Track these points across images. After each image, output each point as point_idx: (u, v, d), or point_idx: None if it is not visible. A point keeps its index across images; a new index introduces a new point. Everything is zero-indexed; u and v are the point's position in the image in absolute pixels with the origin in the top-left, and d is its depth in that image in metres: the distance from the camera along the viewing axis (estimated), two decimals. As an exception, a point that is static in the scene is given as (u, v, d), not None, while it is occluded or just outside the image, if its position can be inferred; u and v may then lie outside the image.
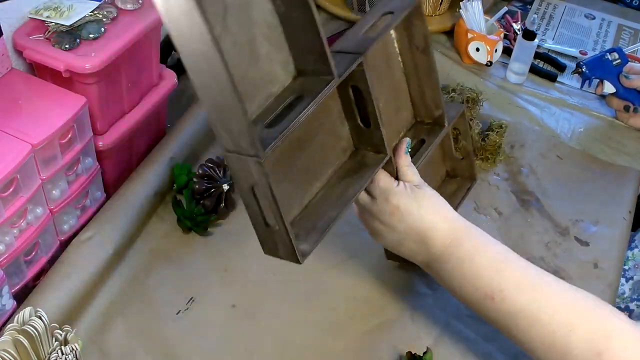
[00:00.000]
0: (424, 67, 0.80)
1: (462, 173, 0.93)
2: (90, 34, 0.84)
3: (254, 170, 0.61)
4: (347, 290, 0.86)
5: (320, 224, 0.70)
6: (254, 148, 0.59)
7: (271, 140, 0.60)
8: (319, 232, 0.69)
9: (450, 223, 0.74)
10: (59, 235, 0.88)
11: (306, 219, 0.71)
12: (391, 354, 0.80)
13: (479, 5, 1.24)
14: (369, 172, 0.74)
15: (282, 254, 0.67)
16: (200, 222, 0.91)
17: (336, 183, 0.74)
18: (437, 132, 0.83)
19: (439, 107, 0.82)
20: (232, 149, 0.61)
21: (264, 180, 0.61)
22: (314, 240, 0.68)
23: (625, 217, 1.00)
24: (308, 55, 0.66)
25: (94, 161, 0.89)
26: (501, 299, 0.69)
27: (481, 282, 0.71)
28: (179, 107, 1.12)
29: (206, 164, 0.93)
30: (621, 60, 1.14)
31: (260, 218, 0.65)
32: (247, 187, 0.64)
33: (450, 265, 0.73)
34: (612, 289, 0.90)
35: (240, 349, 0.80)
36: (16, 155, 0.74)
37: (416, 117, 0.85)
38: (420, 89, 0.81)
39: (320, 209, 0.72)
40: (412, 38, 0.78)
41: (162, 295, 0.85)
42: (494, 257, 0.72)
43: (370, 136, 0.74)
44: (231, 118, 0.59)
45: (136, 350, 0.79)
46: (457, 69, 1.25)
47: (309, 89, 0.66)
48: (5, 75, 0.83)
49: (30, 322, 0.66)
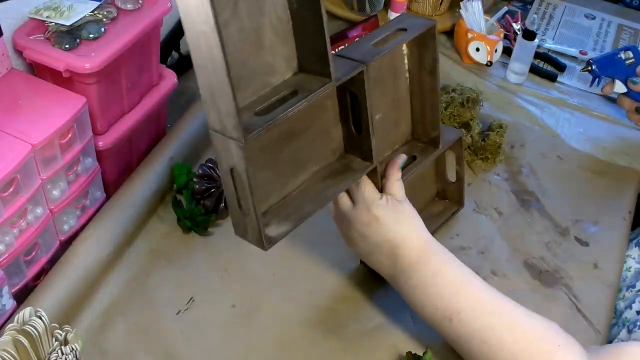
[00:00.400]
0: (428, 87, 0.82)
1: (451, 196, 0.97)
2: (90, 34, 0.84)
3: (235, 153, 0.63)
4: (347, 290, 0.87)
5: (293, 217, 0.72)
6: (236, 131, 0.61)
7: (255, 127, 0.63)
8: (291, 224, 0.71)
9: (421, 242, 0.76)
10: (59, 235, 0.88)
11: (282, 209, 0.73)
12: (391, 354, 0.80)
13: (479, 5, 1.24)
14: (353, 176, 0.76)
15: (250, 238, 0.69)
16: (200, 222, 0.91)
17: (319, 181, 0.76)
18: (431, 151, 0.85)
19: (436, 128, 0.84)
20: (217, 129, 0.64)
21: (242, 164, 0.63)
22: (284, 231, 0.70)
23: (625, 217, 1.00)
24: (311, 54, 0.68)
25: (94, 161, 0.89)
26: (458, 320, 0.72)
27: (441, 302, 0.73)
28: (179, 107, 1.12)
29: (206, 164, 0.94)
30: (635, 60, 1.07)
31: (235, 200, 0.67)
32: (227, 168, 0.66)
33: (414, 282, 0.75)
34: (612, 289, 0.90)
35: (240, 349, 0.80)
36: (16, 155, 0.74)
37: (413, 134, 0.87)
38: (422, 108, 0.84)
39: (297, 202, 0.73)
40: (422, 58, 0.80)
41: (162, 295, 0.85)
42: (456, 279, 0.74)
43: (360, 143, 0.76)
44: (221, 99, 0.61)
45: (136, 350, 0.79)
46: (457, 69, 1.25)
47: (304, 86, 0.67)
48: (5, 75, 0.83)
49: (30, 322, 0.66)
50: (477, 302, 0.72)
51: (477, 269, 0.90)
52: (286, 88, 0.68)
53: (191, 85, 1.19)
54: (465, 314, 0.71)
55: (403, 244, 0.75)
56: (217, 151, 0.66)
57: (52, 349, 0.66)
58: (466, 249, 0.93)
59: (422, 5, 1.34)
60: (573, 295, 0.89)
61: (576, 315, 0.86)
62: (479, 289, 0.73)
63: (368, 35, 0.77)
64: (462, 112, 1.06)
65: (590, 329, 0.85)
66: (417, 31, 0.76)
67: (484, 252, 0.93)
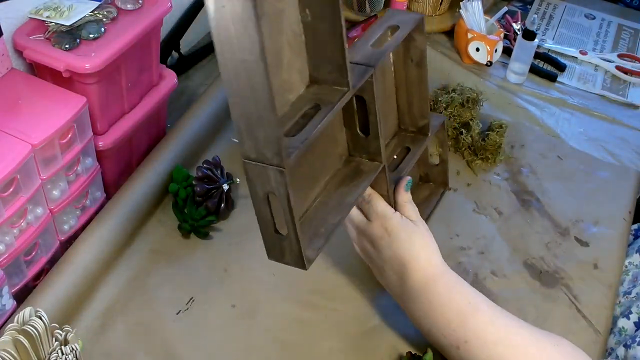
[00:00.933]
0: (415, 79, 0.81)
1: (435, 179, 0.97)
2: (90, 34, 0.84)
3: (274, 179, 0.62)
4: (347, 290, 0.87)
5: (322, 230, 0.71)
6: (277, 157, 0.60)
7: (294, 149, 0.61)
8: (323, 239, 0.70)
9: (431, 267, 0.75)
10: (59, 235, 0.88)
11: (307, 225, 0.72)
12: (391, 354, 0.80)
13: (479, 5, 1.24)
14: (367, 178, 0.75)
15: (288, 259, 0.68)
16: (200, 227, 0.90)
17: (332, 190, 0.75)
18: (422, 140, 0.85)
19: (425, 117, 0.84)
20: (253, 157, 0.62)
21: (283, 189, 0.62)
22: (318, 247, 0.69)
23: (625, 218, 1.00)
24: (326, 64, 0.67)
25: (94, 161, 0.89)
26: (465, 350, 0.71)
27: (447, 330, 0.72)
28: (179, 107, 1.12)
29: (203, 166, 0.93)
30: None
31: (271, 225, 0.66)
32: (262, 195, 0.64)
33: (420, 306, 0.75)
34: (612, 289, 0.90)
35: (240, 349, 0.80)
36: (16, 155, 0.74)
37: (400, 125, 0.87)
38: (409, 99, 0.83)
39: (320, 215, 0.73)
40: (408, 51, 0.80)
41: (162, 295, 0.85)
42: (462, 308, 0.73)
43: (367, 144, 0.75)
44: (261, 128, 0.59)
45: (136, 350, 0.79)
46: (457, 69, 1.25)
47: (324, 99, 0.66)
48: (5, 75, 0.83)
49: (30, 322, 0.66)
50: (484, 332, 0.71)
51: (477, 269, 0.90)
52: (305, 103, 0.67)
53: (191, 85, 1.19)
54: (472, 343, 0.71)
55: (411, 264, 0.75)
56: (251, 178, 0.64)
57: (52, 349, 0.66)
58: (466, 249, 0.93)
59: (422, 5, 1.34)
60: (573, 296, 0.89)
61: (576, 316, 0.86)
62: (485, 319, 0.72)
63: (363, 36, 0.76)
64: (462, 112, 1.06)
65: (590, 329, 0.85)
66: (409, 27, 0.75)
67: (484, 252, 0.93)
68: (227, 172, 0.96)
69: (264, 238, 0.68)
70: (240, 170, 0.99)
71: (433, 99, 1.09)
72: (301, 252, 0.66)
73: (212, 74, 1.20)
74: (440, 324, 0.73)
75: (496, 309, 0.73)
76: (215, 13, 0.56)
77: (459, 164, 1.06)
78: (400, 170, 0.82)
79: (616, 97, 1.24)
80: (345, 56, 0.65)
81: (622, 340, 0.85)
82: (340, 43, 0.65)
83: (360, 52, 0.73)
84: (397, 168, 0.82)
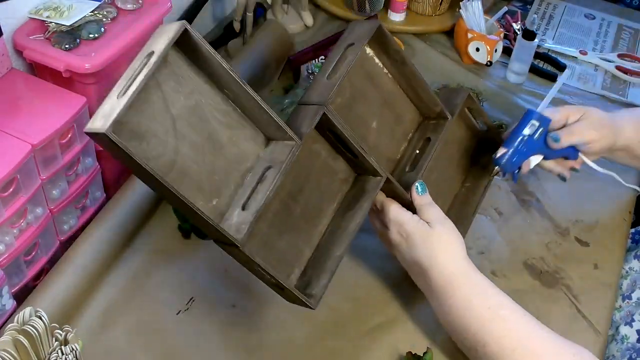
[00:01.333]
0: (409, 74, 0.82)
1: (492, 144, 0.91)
2: (90, 34, 0.84)
3: (242, 256, 0.67)
4: (347, 290, 0.86)
5: (327, 265, 0.74)
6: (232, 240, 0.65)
7: (246, 225, 0.66)
8: (328, 274, 0.73)
9: (449, 271, 0.75)
10: (59, 235, 0.88)
11: (317, 260, 0.75)
12: (391, 354, 0.80)
13: (479, 5, 1.24)
14: (368, 198, 0.76)
15: (299, 303, 0.72)
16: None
17: (340, 216, 0.77)
18: (442, 125, 0.84)
19: (437, 103, 0.83)
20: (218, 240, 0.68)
21: (252, 261, 0.67)
22: (324, 285, 0.73)
23: (625, 218, 1.00)
24: (270, 126, 0.69)
25: (94, 161, 0.89)
26: (484, 353, 0.72)
27: (468, 333, 0.73)
28: (179, 107, 1.12)
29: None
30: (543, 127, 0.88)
31: (273, 282, 0.70)
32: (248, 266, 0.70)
33: (443, 309, 0.75)
34: (612, 289, 0.90)
35: (240, 349, 0.80)
36: (16, 155, 0.74)
37: (423, 115, 0.86)
38: (415, 92, 0.83)
39: (327, 247, 0.76)
40: (388, 54, 0.79)
41: (162, 295, 0.85)
42: (482, 313, 0.73)
43: (363, 164, 0.76)
44: (206, 227, 0.65)
45: (136, 350, 0.79)
46: (457, 69, 1.25)
47: (277, 158, 0.69)
48: (5, 75, 0.83)
49: (30, 322, 0.66)
50: (503, 337, 0.71)
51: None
52: (262, 166, 0.69)
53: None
54: (490, 348, 0.71)
55: (431, 269, 0.75)
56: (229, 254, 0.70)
57: (52, 349, 0.66)
58: (466, 249, 0.93)
59: (422, 5, 1.34)
60: (573, 296, 0.89)
61: (576, 316, 0.86)
62: (505, 325, 0.72)
63: (323, 65, 0.76)
64: (462, 112, 1.06)
65: (590, 329, 0.85)
66: (364, 41, 0.75)
67: (484, 252, 0.93)
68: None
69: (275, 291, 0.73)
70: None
71: (433, 99, 1.09)
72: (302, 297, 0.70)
73: (212, 74, 1.20)
74: (461, 327, 0.74)
75: (517, 313, 0.73)
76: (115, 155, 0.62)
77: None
78: (420, 168, 0.81)
79: (616, 97, 1.24)
80: (275, 119, 0.67)
81: (625, 349, 0.85)
82: (265, 113, 0.66)
83: (317, 88, 0.74)
84: (416, 167, 0.82)
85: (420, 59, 1.26)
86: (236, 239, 0.65)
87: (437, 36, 1.33)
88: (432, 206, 0.78)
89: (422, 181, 0.80)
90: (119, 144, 0.56)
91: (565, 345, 0.71)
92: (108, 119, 0.56)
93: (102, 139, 0.57)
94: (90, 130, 0.58)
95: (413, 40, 1.31)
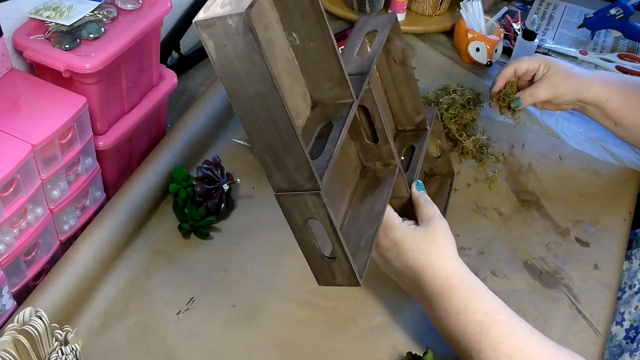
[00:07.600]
0: (402, 77, 0.81)
1: (440, 170, 0.97)
2: (90, 34, 0.84)
3: (312, 203, 0.62)
4: (347, 290, 0.86)
5: (363, 244, 0.71)
6: (310, 182, 0.60)
7: (323, 170, 0.62)
8: (366, 251, 0.70)
9: (444, 274, 0.74)
10: (59, 235, 0.88)
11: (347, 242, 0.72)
12: (391, 354, 0.80)
13: (479, 5, 1.24)
14: (386, 184, 0.75)
15: (340, 281, 0.68)
16: (199, 227, 0.90)
17: (359, 202, 0.76)
18: (422, 136, 0.85)
19: (420, 112, 0.84)
20: (285, 188, 0.62)
21: (323, 211, 0.62)
22: (365, 261, 0.69)
23: (625, 218, 1.00)
24: (325, 82, 0.67)
25: (94, 161, 0.89)
26: (479, 359, 0.71)
27: (463, 338, 0.72)
28: (179, 107, 1.12)
29: (203, 166, 0.93)
30: (624, 15, 1.27)
31: (316, 251, 0.66)
32: (302, 223, 0.64)
33: (437, 313, 0.74)
34: (612, 290, 0.90)
35: (240, 349, 0.80)
36: (16, 155, 0.74)
37: (397, 127, 0.87)
38: (400, 98, 0.83)
39: (355, 230, 0.73)
40: (389, 52, 0.79)
41: (162, 295, 0.85)
42: (478, 319, 0.72)
43: (379, 151, 0.75)
44: (288, 156, 0.60)
45: (136, 350, 0.79)
46: (457, 69, 1.25)
47: (334, 115, 0.66)
48: (5, 75, 0.83)
49: (30, 322, 0.66)
50: (499, 343, 0.70)
51: (477, 269, 0.90)
52: (317, 124, 0.67)
53: (191, 85, 1.19)
54: (487, 354, 0.70)
55: (424, 273, 0.74)
56: (287, 210, 0.64)
57: (52, 349, 0.66)
58: (466, 249, 0.93)
59: (422, 5, 1.34)
60: (573, 296, 0.89)
61: (576, 316, 0.86)
62: (501, 330, 0.71)
63: (345, 47, 0.75)
64: (463, 114, 1.06)
65: (590, 329, 0.85)
66: (387, 29, 0.74)
67: (484, 252, 0.93)
68: (227, 172, 0.96)
69: (311, 265, 0.68)
70: (241, 170, 0.99)
71: (434, 99, 1.09)
72: (352, 270, 0.66)
73: (212, 74, 1.20)
74: (457, 332, 0.72)
75: (513, 319, 0.72)
76: (217, 54, 0.55)
77: (459, 164, 1.05)
78: (413, 169, 0.82)
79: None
80: (343, 69, 0.65)
81: (613, 346, 0.85)
82: (336, 58, 0.65)
83: (348, 63, 0.73)
84: (409, 167, 0.82)
85: (420, 59, 1.26)
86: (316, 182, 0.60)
87: (437, 36, 1.33)
88: (429, 203, 0.79)
89: (420, 180, 0.80)
90: (252, 28, 0.52)
91: (562, 352, 0.71)
92: (239, 5, 0.52)
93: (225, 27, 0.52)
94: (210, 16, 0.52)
95: (413, 40, 1.31)
